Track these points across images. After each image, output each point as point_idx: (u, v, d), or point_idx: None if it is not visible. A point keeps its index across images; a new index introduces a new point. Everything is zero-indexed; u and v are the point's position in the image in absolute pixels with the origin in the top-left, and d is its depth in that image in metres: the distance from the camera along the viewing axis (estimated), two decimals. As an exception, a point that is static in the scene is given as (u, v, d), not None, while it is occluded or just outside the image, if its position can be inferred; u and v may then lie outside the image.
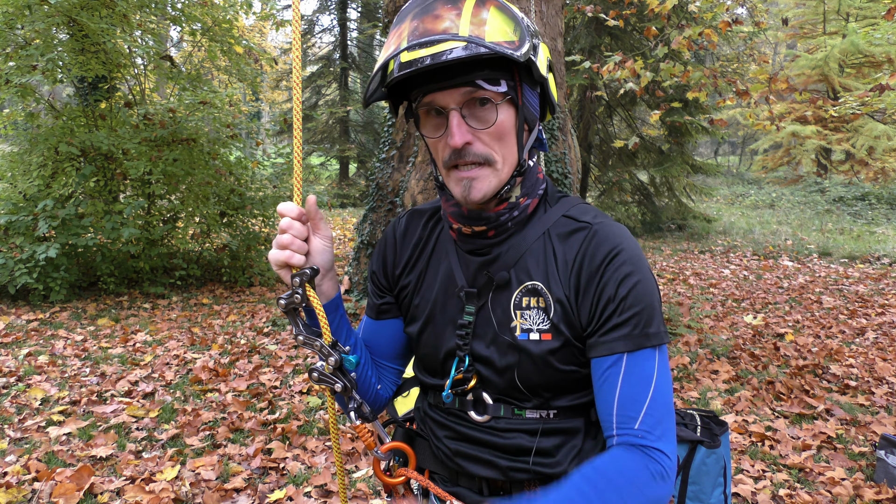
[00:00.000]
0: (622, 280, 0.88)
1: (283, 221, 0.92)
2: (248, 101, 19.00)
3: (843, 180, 18.76)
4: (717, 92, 5.71)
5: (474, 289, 0.98)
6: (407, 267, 1.09)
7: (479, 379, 0.99)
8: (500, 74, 0.88)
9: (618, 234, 0.92)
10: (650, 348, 0.87)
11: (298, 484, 2.90)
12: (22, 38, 6.20)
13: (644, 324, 0.87)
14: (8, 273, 5.72)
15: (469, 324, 0.98)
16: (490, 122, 0.89)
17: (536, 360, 0.93)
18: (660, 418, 0.86)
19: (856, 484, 2.91)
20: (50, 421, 3.50)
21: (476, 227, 0.97)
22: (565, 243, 0.94)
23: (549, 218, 0.97)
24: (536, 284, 0.94)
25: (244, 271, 7.50)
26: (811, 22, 18.72)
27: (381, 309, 1.12)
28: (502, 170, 0.92)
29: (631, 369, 0.87)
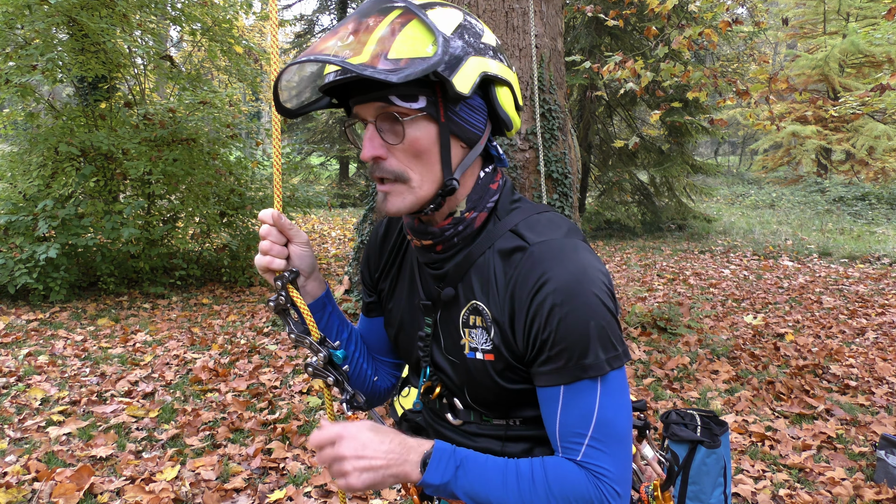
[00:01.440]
0: (549, 313, 0.84)
1: (263, 228, 0.96)
2: (248, 101, 18.99)
3: (844, 180, 18.75)
4: (717, 92, 5.71)
5: (430, 302, 0.99)
6: (384, 272, 1.12)
7: (444, 386, 1.01)
8: (418, 90, 0.85)
9: (554, 256, 0.86)
10: (588, 380, 0.84)
11: (298, 484, 2.90)
12: (22, 38, 6.20)
13: (578, 356, 0.83)
14: (8, 273, 5.72)
15: (427, 336, 1.00)
16: (404, 138, 0.86)
17: (485, 378, 0.93)
18: (609, 451, 0.84)
19: (856, 484, 2.91)
20: (50, 421, 3.50)
21: (424, 241, 0.96)
22: (506, 263, 0.91)
23: (497, 232, 0.93)
24: (478, 304, 0.93)
25: (244, 271, 7.50)
26: (811, 22, 18.72)
27: (370, 307, 1.16)
28: (420, 188, 0.89)
29: (569, 402, 0.85)
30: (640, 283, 7.81)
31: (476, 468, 0.86)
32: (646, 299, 6.76)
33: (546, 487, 0.84)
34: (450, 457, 0.86)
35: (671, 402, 3.92)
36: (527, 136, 4.86)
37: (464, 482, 0.85)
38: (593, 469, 0.84)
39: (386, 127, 0.87)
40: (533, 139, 4.83)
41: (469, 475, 0.85)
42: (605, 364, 0.84)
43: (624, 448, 0.86)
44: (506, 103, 0.92)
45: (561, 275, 0.84)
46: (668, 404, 3.88)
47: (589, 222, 12.94)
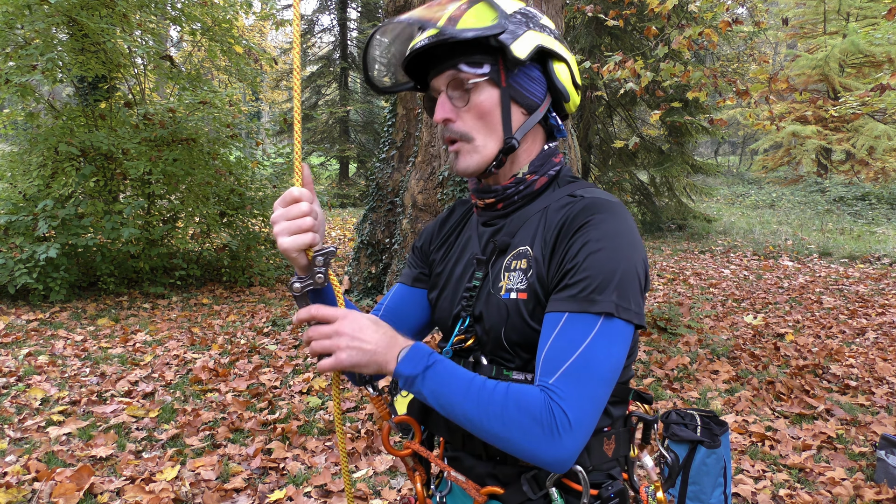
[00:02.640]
0: (585, 244, 0.90)
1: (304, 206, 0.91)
2: (248, 101, 18.99)
3: (844, 180, 18.75)
4: (717, 92, 5.71)
5: (483, 255, 1.06)
6: (439, 243, 1.21)
7: (476, 340, 1.05)
8: (483, 58, 0.97)
9: (603, 206, 0.94)
10: (593, 314, 0.87)
11: (298, 484, 2.90)
12: (22, 38, 6.20)
13: (594, 290, 0.87)
14: (8, 273, 5.72)
15: (475, 287, 1.05)
16: (469, 101, 0.99)
17: (515, 318, 0.97)
18: (578, 384, 0.85)
19: (856, 484, 2.90)
20: (50, 421, 3.49)
21: (487, 200, 1.06)
22: (558, 211, 0.99)
23: (555, 196, 1.03)
24: (525, 249, 0.99)
25: (244, 271, 7.50)
26: (811, 22, 18.71)
27: (417, 277, 1.22)
28: (484, 147, 1.00)
29: (566, 328, 0.87)
30: (640, 283, 7.80)
31: (445, 373, 0.90)
32: (646, 299, 6.75)
33: (503, 400, 0.86)
34: (424, 356, 0.91)
35: (671, 402, 3.92)
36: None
37: (430, 381, 0.89)
38: (555, 394, 0.84)
39: (455, 93, 0.99)
40: (533, 139, 4.83)
41: (437, 377, 0.89)
42: (615, 308, 0.87)
43: (596, 391, 0.86)
44: (563, 77, 1.02)
45: (607, 223, 0.92)
46: (668, 404, 3.88)
47: (589, 222, 12.92)
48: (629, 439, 1.05)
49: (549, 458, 0.84)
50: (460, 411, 0.88)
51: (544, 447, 0.83)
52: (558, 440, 0.83)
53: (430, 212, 4.97)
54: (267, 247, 7.89)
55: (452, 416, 0.90)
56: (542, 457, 0.84)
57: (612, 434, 1.01)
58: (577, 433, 0.84)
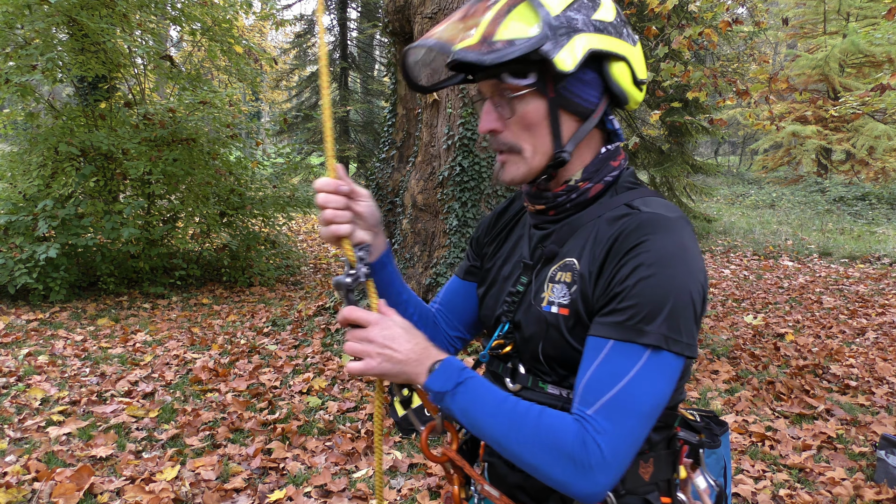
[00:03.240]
0: (636, 268, 0.84)
1: (320, 197, 0.93)
2: (248, 101, 18.99)
3: (844, 180, 18.74)
4: (718, 92, 5.71)
5: (530, 260, 1.02)
6: (492, 236, 1.18)
7: (514, 347, 1.01)
8: (528, 68, 0.90)
9: (660, 225, 0.86)
10: (640, 346, 0.82)
11: (298, 484, 2.90)
12: (22, 38, 6.19)
13: (642, 319, 0.82)
14: (8, 273, 5.72)
15: (518, 293, 1.01)
16: (514, 112, 0.93)
17: (553, 333, 0.93)
18: (617, 419, 0.80)
19: (856, 484, 2.90)
20: (50, 421, 3.49)
21: (538, 206, 1.02)
22: (611, 224, 0.92)
23: (611, 204, 0.96)
24: (572, 261, 0.94)
25: (244, 271, 7.50)
26: (811, 22, 18.70)
27: (470, 270, 1.20)
28: (532, 158, 0.95)
29: (611, 357, 0.83)
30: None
31: (477, 391, 0.87)
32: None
33: (534, 427, 0.83)
34: (456, 372, 0.88)
35: (671, 402, 3.92)
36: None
37: (461, 399, 0.87)
38: (591, 427, 0.80)
39: (500, 102, 0.94)
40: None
41: (468, 395, 0.87)
42: (664, 340, 0.82)
43: (635, 427, 0.81)
44: (620, 78, 0.94)
45: (663, 244, 0.85)
46: (668, 404, 3.88)
47: (589, 222, 12.92)
48: (673, 462, 0.99)
49: (578, 493, 0.81)
50: (489, 433, 0.85)
51: (575, 481, 0.80)
52: (590, 475, 0.79)
53: (430, 212, 4.97)
54: (267, 247, 7.89)
55: (481, 436, 0.87)
56: (572, 490, 0.81)
57: (650, 457, 0.95)
58: (611, 470, 0.80)
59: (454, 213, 4.79)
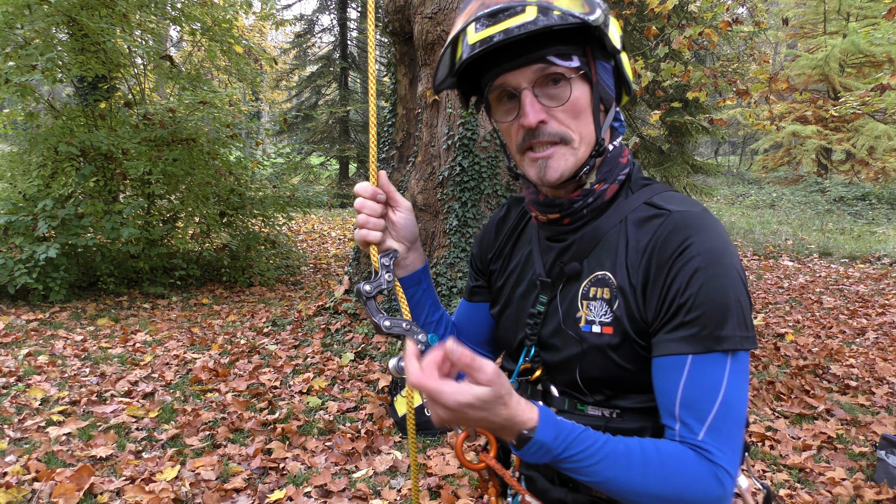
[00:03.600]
0: (693, 274, 0.79)
1: (357, 202, 0.92)
2: (248, 101, 18.99)
3: (844, 180, 18.74)
4: (718, 92, 5.71)
5: (549, 279, 0.95)
6: (497, 251, 1.10)
7: (544, 370, 0.96)
8: (572, 49, 0.85)
9: (698, 223, 0.82)
10: (720, 353, 0.78)
11: (298, 484, 2.90)
12: (22, 38, 6.20)
13: (715, 325, 0.78)
14: (8, 273, 5.72)
15: (539, 314, 0.95)
16: (564, 98, 0.86)
17: (597, 354, 0.87)
18: (727, 433, 0.78)
19: (856, 484, 2.90)
20: (50, 421, 3.49)
21: (550, 215, 0.94)
22: (640, 230, 0.86)
23: (630, 205, 0.91)
24: (605, 275, 0.88)
25: (244, 271, 7.50)
26: (811, 22, 18.70)
27: (474, 291, 1.13)
28: (579, 149, 0.88)
29: (695, 373, 0.79)
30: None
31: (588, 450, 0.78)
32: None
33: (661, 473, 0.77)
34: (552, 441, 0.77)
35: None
36: (527, 135, 4.85)
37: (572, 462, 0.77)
38: (710, 453, 0.77)
39: (542, 91, 0.86)
40: (533, 139, 4.82)
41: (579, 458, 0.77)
42: (739, 341, 0.79)
43: (741, 434, 0.80)
44: (627, 67, 0.92)
45: (706, 241, 0.81)
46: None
47: (589, 222, 12.92)
48: None
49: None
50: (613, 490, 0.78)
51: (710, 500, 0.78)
52: (722, 491, 0.78)
53: (430, 212, 4.97)
54: (267, 247, 7.89)
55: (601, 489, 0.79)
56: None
57: None
58: (734, 478, 0.79)
59: (454, 213, 4.79)
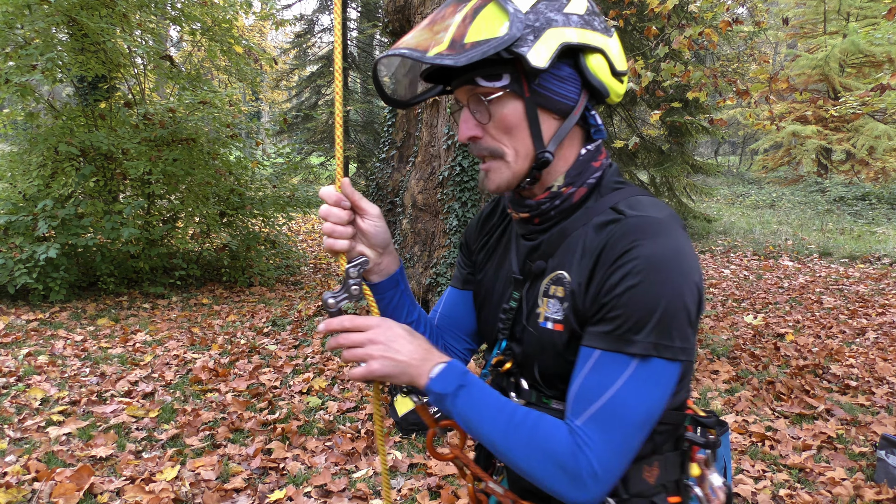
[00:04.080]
0: (625, 276, 0.82)
1: (322, 209, 0.93)
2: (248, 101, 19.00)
3: (844, 180, 18.73)
4: (718, 92, 5.71)
5: (520, 276, 1.00)
6: (480, 244, 1.14)
7: (514, 363, 1.00)
8: (500, 69, 0.88)
9: (651, 229, 0.84)
10: (627, 355, 0.81)
11: (298, 484, 2.90)
12: (22, 38, 6.19)
13: (630, 328, 0.80)
14: (8, 273, 5.72)
15: (512, 309, 1.00)
16: (492, 116, 0.91)
17: (552, 350, 0.92)
18: (606, 431, 0.80)
19: (856, 484, 2.90)
20: (50, 421, 3.49)
21: (522, 214, 0.99)
22: (598, 234, 0.89)
23: (598, 209, 0.93)
24: (563, 274, 0.92)
25: (244, 271, 7.50)
26: (811, 22, 18.70)
27: (467, 279, 1.16)
28: (515, 162, 0.92)
29: (598, 367, 0.82)
30: (641, 283, 7.81)
31: (476, 396, 0.87)
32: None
33: (529, 436, 0.83)
34: (458, 375, 0.88)
35: (671, 402, 3.92)
36: (527, 135, 4.84)
37: (461, 402, 0.87)
38: (581, 440, 0.81)
39: (477, 108, 0.92)
40: (533, 139, 4.82)
41: (468, 398, 0.87)
42: (652, 348, 0.80)
43: (626, 438, 0.81)
44: (598, 71, 0.91)
45: (652, 248, 0.82)
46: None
47: (589, 222, 12.91)
48: (681, 462, 0.97)
49: (571, 501, 0.82)
50: (487, 438, 0.86)
51: (567, 490, 0.81)
52: (583, 487, 0.80)
53: (430, 212, 4.97)
54: (267, 247, 7.89)
55: (479, 440, 0.88)
56: (565, 498, 0.82)
57: (654, 460, 0.94)
58: (604, 482, 0.80)
59: (454, 213, 4.79)
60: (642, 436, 0.83)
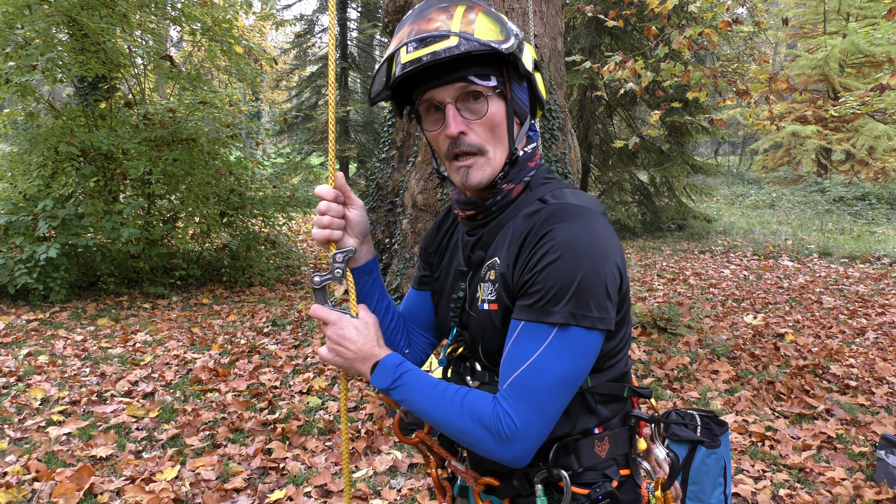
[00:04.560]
0: (545, 254, 0.91)
1: (322, 205, 1.04)
2: (248, 101, 19.00)
3: (844, 180, 18.74)
4: (718, 92, 5.71)
5: (465, 267, 1.10)
6: (436, 247, 1.25)
7: (465, 347, 1.10)
8: (490, 70, 0.98)
9: (568, 213, 0.94)
10: (547, 325, 0.90)
11: (298, 484, 2.90)
12: (22, 38, 6.19)
13: (550, 301, 0.89)
14: (8, 273, 5.72)
15: (460, 298, 1.10)
16: (483, 113, 0.98)
17: (490, 328, 1.01)
18: (523, 393, 0.89)
19: (856, 484, 2.91)
20: (50, 421, 3.50)
21: (468, 212, 1.08)
22: (525, 222, 0.99)
23: (527, 201, 1.03)
24: (495, 260, 1.01)
25: (244, 271, 7.50)
26: (811, 22, 18.70)
27: (423, 280, 1.27)
28: (495, 158, 1.01)
29: (521, 337, 0.92)
30: (640, 283, 7.81)
31: (412, 384, 0.98)
32: (646, 299, 6.76)
33: (460, 408, 0.93)
34: (392, 370, 0.99)
35: (671, 402, 3.92)
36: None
37: (400, 391, 0.98)
38: (503, 401, 0.91)
39: (464, 105, 0.99)
40: (533, 139, 4.82)
41: (405, 387, 0.98)
42: (570, 317, 0.89)
43: (544, 400, 0.90)
44: (541, 86, 1.06)
45: (569, 230, 0.91)
46: (668, 404, 3.88)
47: (589, 222, 12.91)
48: (629, 437, 1.06)
49: (500, 459, 0.92)
50: (428, 416, 0.97)
51: (495, 449, 0.91)
52: (507, 444, 0.90)
53: (430, 212, 4.97)
54: (267, 247, 7.89)
55: (423, 419, 0.99)
56: (495, 457, 0.92)
57: (604, 436, 1.02)
58: (525, 439, 0.90)
59: (454, 213, 4.78)
60: (562, 398, 0.91)
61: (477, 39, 0.91)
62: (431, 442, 1.12)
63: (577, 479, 1.00)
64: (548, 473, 0.99)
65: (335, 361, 1.03)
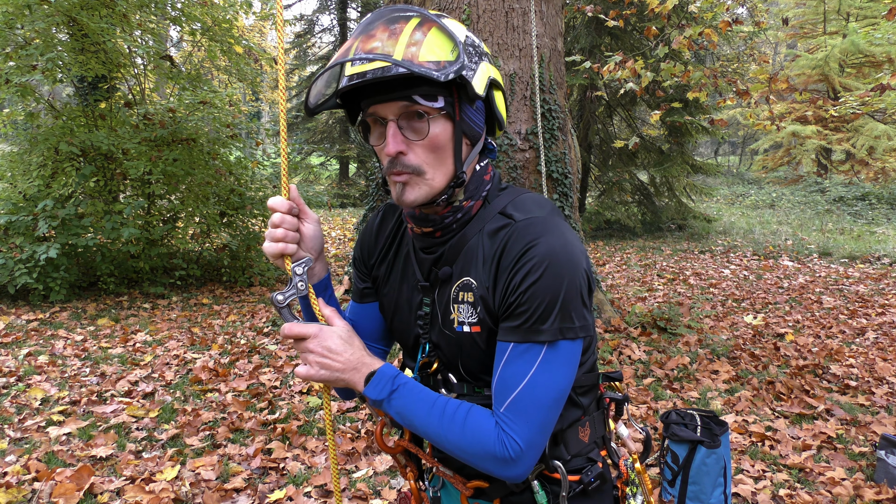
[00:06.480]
0: (526, 274, 0.90)
1: (276, 217, 0.99)
2: (248, 101, 19.00)
3: (844, 180, 18.74)
4: (718, 92, 5.71)
5: (427, 283, 1.06)
6: (379, 258, 1.18)
7: (440, 361, 1.08)
8: (438, 91, 0.93)
9: (538, 230, 0.93)
10: (536, 344, 0.90)
11: (298, 484, 2.90)
12: (22, 38, 6.20)
13: (537, 319, 0.90)
14: (8, 273, 5.72)
15: (427, 314, 1.07)
16: (424, 133, 0.94)
17: (472, 349, 1.00)
18: (525, 414, 0.90)
19: (856, 484, 2.90)
20: (50, 421, 3.50)
21: (425, 229, 1.04)
22: (492, 241, 0.98)
23: (487, 215, 1.02)
24: (469, 280, 0.99)
25: (244, 271, 7.50)
26: (811, 22, 18.70)
27: (364, 293, 1.21)
28: (434, 180, 0.97)
29: (512, 359, 0.92)
30: (640, 283, 7.81)
31: (409, 396, 0.96)
32: (646, 299, 6.76)
33: (461, 428, 0.92)
34: (389, 381, 0.97)
35: (671, 402, 3.92)
36: (527, 136, 4.85)
37: (396, 404, 0.96)
38: (505, 425, 0.91)
39: (407, 124, 0.95)
40: (533, 139, 4.83)
41: (401, 400, 0.96)
42: (558, 333, 0.90)
43: (544, 418, 0.91)
44: (500, 105, 1.03)
45: (544, 246, 0.91)
46: (668, 404, 3.88)
47: (589, 222, 12.94)
48: (604, 420, 1.12)
49: (504, 478, 0.92)
50: (424, 432, 0.95)
51: (499, 471, 0.91)
52: (512, 466, 0.91)
53: (430, 212, 4.99)
54: (267, 247, 7.88)
55: (418, 433, 0.97)
56: (499, 476, 0.92)
57: (585, 422, 1.06)
58: (529, 456, 0.91)
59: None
60: (557, 411, 0.93)
61: (413, 67, 0.84)
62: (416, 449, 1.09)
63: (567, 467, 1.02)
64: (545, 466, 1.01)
65: (321, 376, 0.98)
